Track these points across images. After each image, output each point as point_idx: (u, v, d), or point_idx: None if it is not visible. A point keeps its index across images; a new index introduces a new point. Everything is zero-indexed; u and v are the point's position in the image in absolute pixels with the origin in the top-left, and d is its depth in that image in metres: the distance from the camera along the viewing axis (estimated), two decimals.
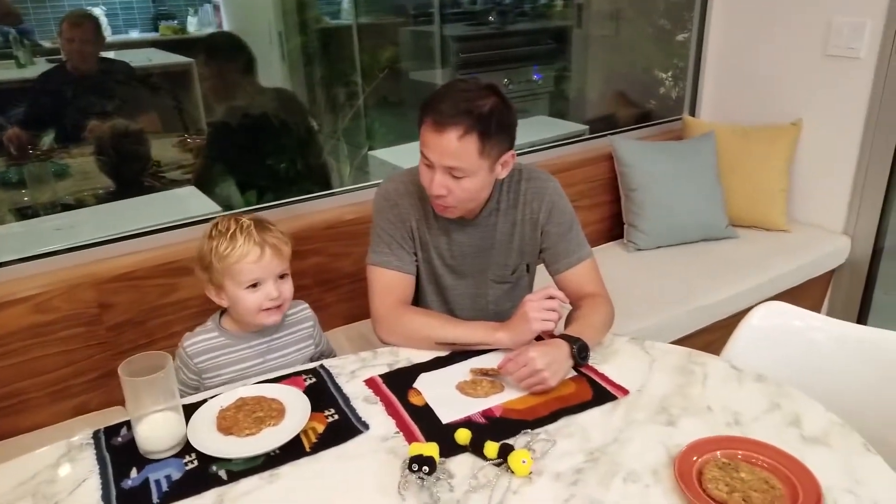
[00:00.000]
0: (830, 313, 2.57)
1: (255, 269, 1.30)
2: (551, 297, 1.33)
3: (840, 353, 1.36)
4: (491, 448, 1.08)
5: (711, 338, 2.12)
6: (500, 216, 1.50)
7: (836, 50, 2.39)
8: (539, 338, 1.38)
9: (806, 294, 2.44)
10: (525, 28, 4.41)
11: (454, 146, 1.30)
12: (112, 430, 1.18)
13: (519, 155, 1.46)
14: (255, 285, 1.32)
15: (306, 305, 1.49)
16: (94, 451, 1.13)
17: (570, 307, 1.48)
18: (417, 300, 1.58)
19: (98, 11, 3.05)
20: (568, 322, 1.43)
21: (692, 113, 2.89)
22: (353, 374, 1.33)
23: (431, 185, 1.36)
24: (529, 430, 1.14)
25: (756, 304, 1.47)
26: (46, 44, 2.38)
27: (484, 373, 1.31)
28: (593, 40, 3.44)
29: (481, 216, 1.49)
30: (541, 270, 1.61)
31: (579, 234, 1.52)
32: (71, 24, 2.25)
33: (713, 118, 2.80)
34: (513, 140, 1.38)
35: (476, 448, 1.09)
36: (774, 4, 2.53)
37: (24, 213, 2.13)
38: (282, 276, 1.36)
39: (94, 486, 1.06)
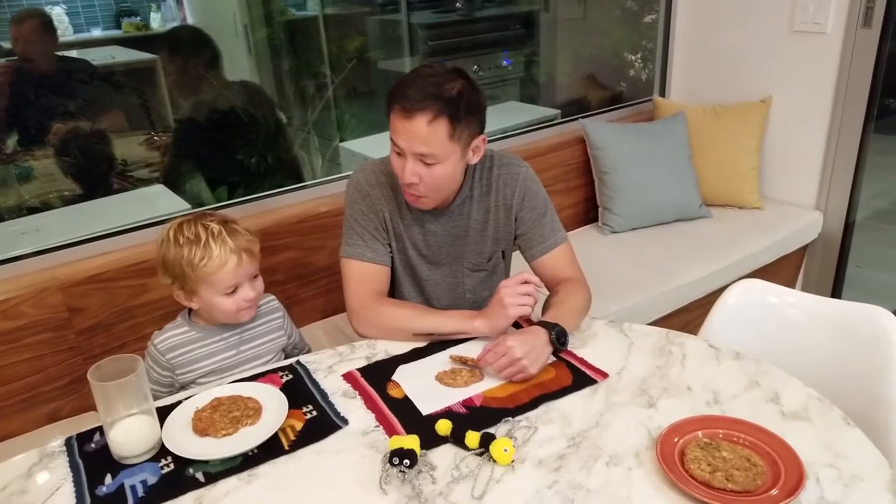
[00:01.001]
0: (805, 288, 2.60)
1: (232, 276, 1.30)
2: (526, 282, 1.32)
3: (816, 328, 1.37)
4: (472, 438, 1.07)
5: (689, 317, 2.14)
6: (474, 203, 1.49)
7: (802, 25, 2.40)
8: (517, 325, 1.37)
9: (780, 270, 2.47)
10: (493, 14, 4.39)
11: (424, 131, 1.28)
12: (85, 437, 1.15)
13: (490, 141, 1.45)
14: (233, 290, 1.31)
15: (274, 297, 1.48)
16: (67, 459, 1.11)
17: (546, 292, 1.47)
18: (393, 291, 1.57)
19: (58, 10, 2.98)
20: (545, 308, 1.43)
21: (662, 94, 2.90)
22: (331, 369, 1.31)
23: (403, 173, 1.34)
24: (510, 418, 1.14)
25: (732, 283, 1.48)
26: (6, 44, 2.32)
27: (463, 361, 1.30)
28: (561, 23, 3.43)
29: (454, 204, 1.47)
30: (517, 257, 1.61)
31: (554, 219, 1.51)
32: (17, 23, 2.20)
33: (683, 98, 2.81)
34: (483, 124, 1.37)
35: (457, 439, 1.08)
36: None
37: None
38: (254, 276, 1.36)
39: (67, 493, 1.03)
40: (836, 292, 2.60)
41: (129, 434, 1.08)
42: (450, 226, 1.49)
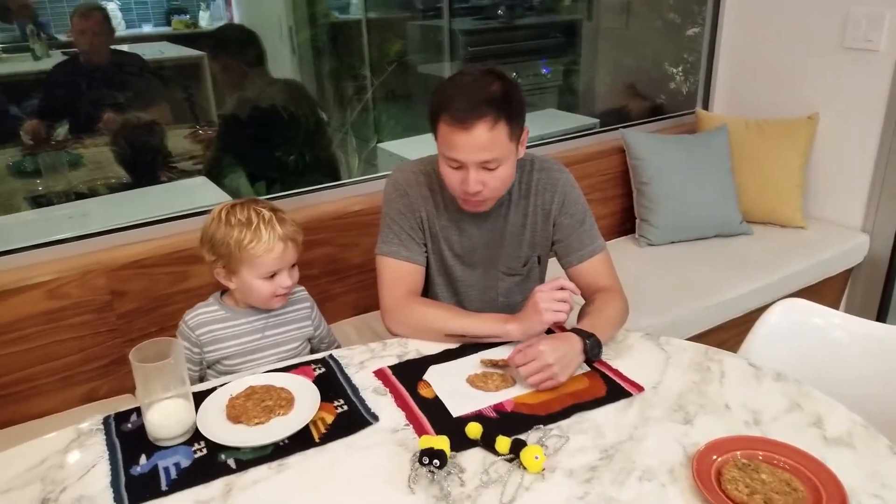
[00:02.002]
0: (848, 312, 2.53)
1: (276, 262, 1.34)
2: (562, 288, 1.30)
3: (862, 353, 1.33)
4: (502, 443, 1.06)
5: (725, 336, 2.10)
6: (512, 207, 1.48)
7: (853, 42, 2.35)
8: (549, 330, 1.36)
9: (823, 292, 2.41)
10: (534, 22, 4.40)
11: (486, 138, 1.27)
12: (122, 417, 1.17)
13: (529, 147, 1.45)
14: (272, 275, 1.35)
15: (303, 288, 1.51)
16: (104, 437, 1.13)
17: (581, 300, 1.46)
18: (427, 292, 1.57)
19: (112, 6, 3.07)
20: (580, 316, 1.41)
21: (705, 106, 2.86)
22: (363, 365, 1.32)
23: (467, 185, 1.32)
24: (541, 426, 1.13)
25: (772, 303, 1.45)
26: (62, 37, 2.40)
27: (494, 363, 1.29)
28: (603, 33, 3.42)
29: (492, 207, 1.47)
30: (552, 264, 1.59)
31: (593, 227, 1.50)
32: (81, 17, 2.28)
33: (727, 112, 2.77)
34: (524, 116, 1.36)
35: (487, 443, 1.08)
36: None
37: (38, 202, 2.15)
38: (293, 265, 1.40)
39: (103, 471, 1.05)
40: (881, 318, 2.53)
41: (166, 416, 1.10)
42: (486, 228, 1.49)
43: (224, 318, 1.39)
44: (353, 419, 1.15)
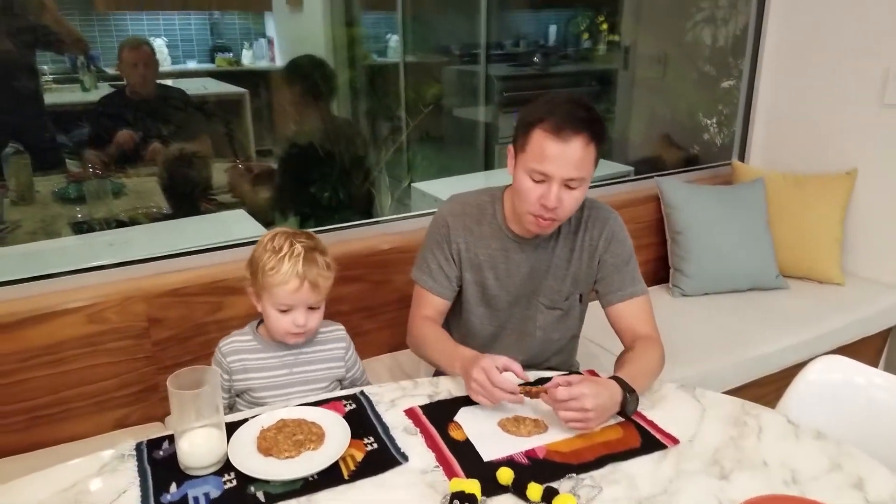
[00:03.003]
0: (888, 371, 2.46)
1: (289, 297, 1.32)
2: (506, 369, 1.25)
3: None
4: (534, 490, 1.04)
5: (761, 392, 2.05)
6: (561, 240, 1.50)
7: (894, 99, 2.33)
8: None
9: (861, 351, 2.35)
10: (569, 70, 4.46)
11: (579, 155, 1.30)
12: (154, 443, 1.18)
13: None
14: (287, 309, 1.34)
15: (342, 327, 1.49)
16: (136, 463, 1.13)
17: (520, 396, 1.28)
18: (467, 321, 1.59)
19: (159, 42, 3.20)
20: (621, 363, 1.40)
21: (742, 158, 2.85)
22: (393, 403, 1.32)
23: (547, 199, 1.33)
24: (574, 475, 1.11)
25: (808, 360, 1.42)
26: (110, 70, 2.49)
27: (528, 392, 1.25)
28: (639, 83, 3.45)
29: (541, 237, 1.48)
30: (592, 310, 1.59)
31: (636, 270, 1.51)
32: (129, 49, 2.37)
33: (763, 164, 2.76)
34: None
35: (518, 489, 1.06)
36: (829, 51, 2.49)
37: (81, 228, 2.21)
38: (313, 307, 1.36)
39: (133, 497, 1.06)
40: None
41: (198, 445, 1.10)
42: (534, 258, 1.50)
43: (255, 348, 1.40)
44: (382, 457, 1.15)
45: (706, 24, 3.06)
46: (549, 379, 1.28)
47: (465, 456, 1.15)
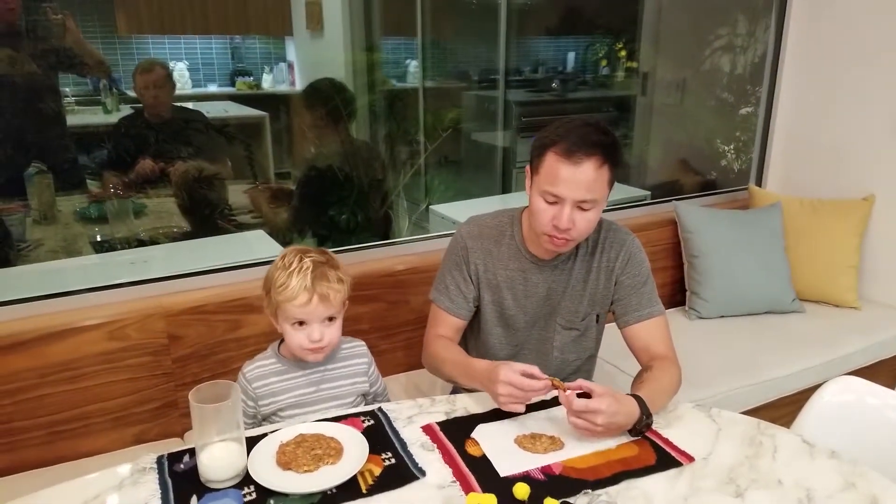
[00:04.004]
0: None
1: (300, 312, 1.33)
2: (532, 376, 1.25)
3: None
4: None
5: (776, 414, 2.04)
6: (578, 261, 1.52)
7: None
8: None
9: (876, 375, 2.33)
10: (587, 96, 4.50)
11: (591, 177, 1.32)
12: (175, 457, 1.20)
13: None
14: (301, 324, 1.35)
15: (363, 343, 1.51)
16: (157, 476, 1.15)
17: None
18: (485, 342, 1.60)
19: (181, 66, 3.27)
20: (639, 382, 1.40)
21: (759, 183, 2.86)
22: (411, 420, 1.33)
23: (559, 220, 1.35)
24: (590, 490, 1.11)
25: (823, 383, 1.42)
26: (132, 93, 2.55)
27: (553, 380, 1.25)
28: (657, 109, 3.48)
29: (559, 259, 1.50)
30: (609, 332, 1.60)
31: (653, 291, 1.52)
32: (143, 72, 2.40)
33: (780, 189, 2.76)
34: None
35: None
36: (846, 78, 2.51)
37: (102, 247, 2.25)
38: (330, 319, 1.37)
39: None
40: None
41: (218, 458, 1.12)
42: (552, 279, 1.52)
43: (280, 370, 1.41)
44: (400, 473, 1.16)
45: (724, 52, 3.09)
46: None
47: (482, 471, 1.16)
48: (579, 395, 1.24)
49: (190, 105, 2.87)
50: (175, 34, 3.27)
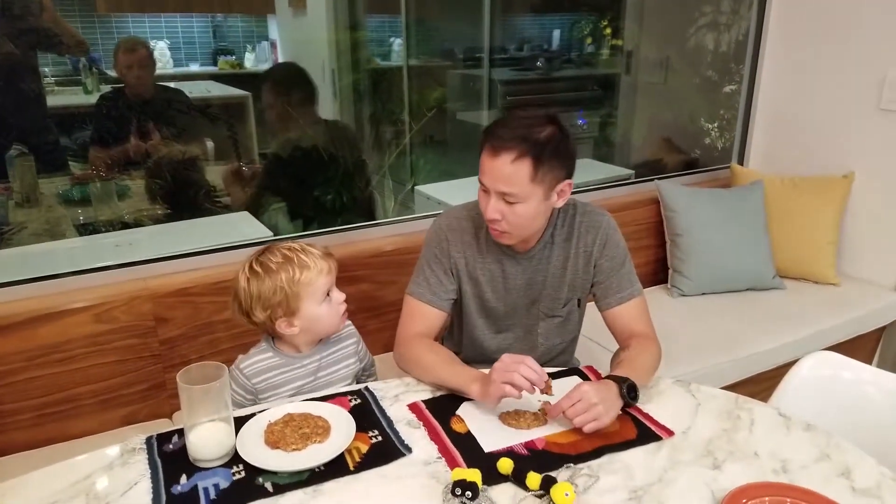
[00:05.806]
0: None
1: (327, 280, 1.39)
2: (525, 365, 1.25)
3: (891, 407, 1.33)
4: (533, 479, 1.08)
5: (755, 389, 2.08)
6: (555, 249, 1.52)
7: (891, 104, 2.37)
8: (584, 377, 1.38)
9: (854, 350, 2.38)
10: (571, 74, 4.49)
11: (507, 170, 1.33)
12: (164, 437, 1.21)
13: None
14: (327, 295, 1.39)
15: (349, 323, 1.53)
16: (147, 456, 1.17)
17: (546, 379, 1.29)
18: (470, 334, 1.61)
19: (161, 45, 3.22)
20: (615, 363, 1.43)
21: (741, 162, 2.89)
22: (397, 398, 1.35)
23: (486, 210, 1.38)
24: (572, 465, 1.14)
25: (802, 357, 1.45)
26: (112, 73, 2.51)
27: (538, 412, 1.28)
28: (641, 87, 3.48)
29: (535, 249, 1.51)
30: (590, 312, 1.62)
31: (631, 271, 1.53)
32: (125, 51, 2.36)
33: (761, 168, 2.79)
34: (570, 170, 1.40)
35: (518, 478, 1.10)
36: (828, 57, 2.53)
37: (86, 229, 2.23)
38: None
39: (145, 489, 1.09)
40: None
41: (207, 438, 1.14)
42: (530, 269, 1.53)
43: (279, 364, 1.42)
44: (386, 450, 1.18)
45: (708, 30, 3.09)
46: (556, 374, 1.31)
47: (467, 448, 1.19)
48: None
49: (173, 84, 2.84)
50: (155, 12, 3.21)
